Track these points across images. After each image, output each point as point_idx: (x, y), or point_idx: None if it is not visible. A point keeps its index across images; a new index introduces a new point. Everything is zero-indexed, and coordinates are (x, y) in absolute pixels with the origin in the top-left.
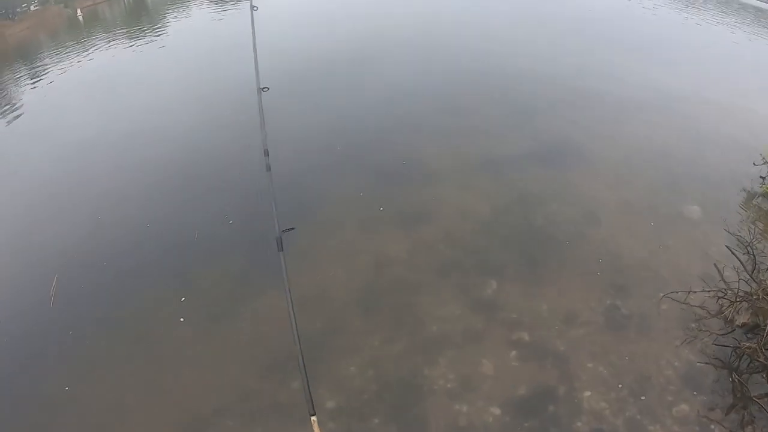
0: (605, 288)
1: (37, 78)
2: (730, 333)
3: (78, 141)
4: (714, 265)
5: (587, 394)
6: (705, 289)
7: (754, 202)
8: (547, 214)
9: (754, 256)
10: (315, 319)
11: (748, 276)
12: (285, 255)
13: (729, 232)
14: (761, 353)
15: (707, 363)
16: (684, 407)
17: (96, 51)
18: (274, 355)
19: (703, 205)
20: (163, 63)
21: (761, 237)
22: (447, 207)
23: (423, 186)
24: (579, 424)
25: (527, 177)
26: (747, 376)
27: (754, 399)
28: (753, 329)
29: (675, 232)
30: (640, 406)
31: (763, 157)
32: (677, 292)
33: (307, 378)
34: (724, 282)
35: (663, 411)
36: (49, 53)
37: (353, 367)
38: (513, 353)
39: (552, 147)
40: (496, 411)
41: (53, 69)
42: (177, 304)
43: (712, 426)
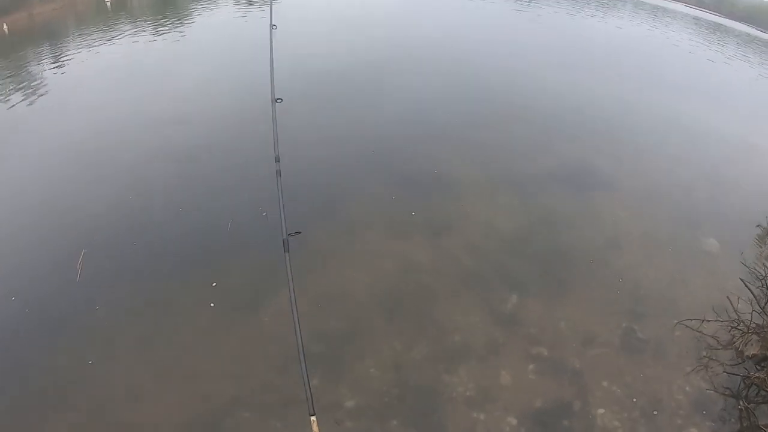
0: (623, 312)
1: (61, 59)
2: (740, 363)
3: (104, 122)
4: (727, 298)
5: (601, 411)
6: (718, 319)
7: None
8: (571, 235)
9: (767, 290)
10: (338, 319)
11: (760, 309)
12: (290, 257)
13: (745, 265)
14: None
15: (717, 390)
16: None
17: (121, 38)
18: (294, 351)
19: (721, 240)
20: (183, 57)
21: None
22: (472, 219)
23: (448, 197)
24: None
25: (551, 197)
26: (755, 405)
27: (761, 428)
28: (762, 361)
29: (693, 263)
30: (651, 427)
31: None
32: (691, 320)
33: (308, 378)
34: (736, 314)
35: None
36: (74, 36)
37: (374, 369)
38: (531, 367)
39: (576, 171)
40: (512, 421)
41: (77, 52)
42: (203, 290)
43: None
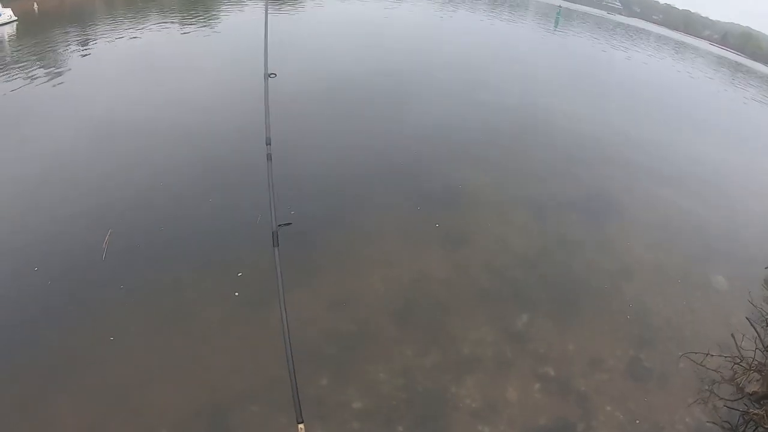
0: (631, 339)
1: (87, 44)
2: (740, 399)
3: (130, 106)
4: (731, 335)
5: None
6: (722, 355)
7: None
8: (585, 260)
9: None
10: (351, 322)
11: (763, 348)
12: (279, 251)
13: (752, 304)
14: (767, 421)
15: (716, 423)
16: None
17: (146, 29)
18: (304, 349)
19: (730, 278)
20: (208, 51)
21: None
22: (488, 237)
23: (466, 212)
24: None
25: (567, 222)
26: None
27: None
28: (762, 399)
29: (701, 298)
30: None
31: None
32: (696, 353)
33: (297, 386)
34: (739, 351)
35: None
36: (102, 23)
37: (383, 374)
38: (537, 385)
39: (593, 198)
40: None
41: (103, 38)
42: (224, 281)
43: None
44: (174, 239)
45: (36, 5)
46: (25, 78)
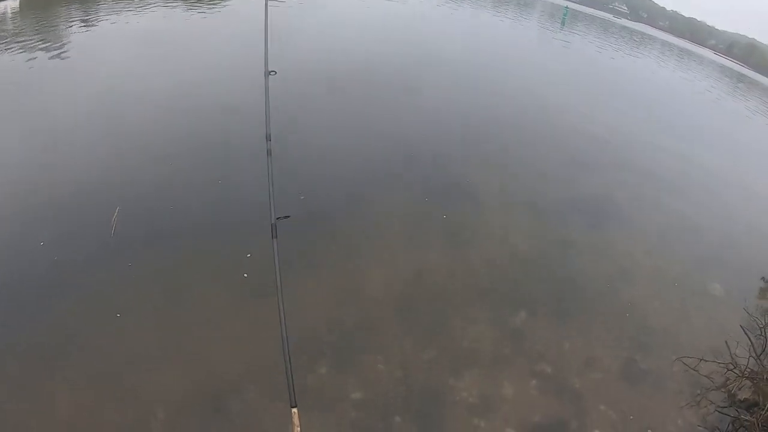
0: (627, 341)
1: (90, 23)
2: (731, 406)
3: (134, 86)
4: (725, 342)
5: None
6: (715, 361)
7: None
8: (584, 262)
9: (765, 339)
10: (351, 314)
11: (756, 356)
12: (278, 242)
13: (747, 312)
14: (758, 429)
15: (707, 428)
16: None
17: (151, 11)
18: (306, 336)
19: (726, 286)
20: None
21: None
22: (490, 235)
23: (468, 210)
24: None
25: (569, 224)
26: None
27: None
28: (753, 406)
29: (697, 304)
30: None
31: None
32: (690, 357)
33: (291, 371)
34: (732, 358)
35: None
36: (106, 3)
37: (382, 366)
38: (533, 382)
39: (595, 202)
40: None
41: (106, 18)
42: (231, 263)
43: None
44: (183, 219)
45: None
46: (28, 52)
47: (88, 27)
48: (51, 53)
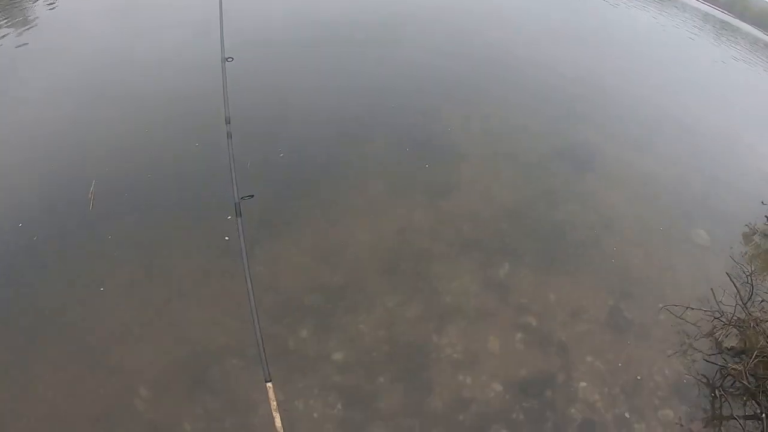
0: (612, 291)
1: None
2: (718, 354)
3: (104, 59)
4: (711, 290)
5: (583, 385)
6: (701, 309)
7: (755, 238)
8: (568, 212)
9: (752, 286)
10: (335, 273)
11: (742, 304)
12: (243, 222)
13: (733, 260)
14: (745, 377)
15: (694, 377)
16: (668, 412)
17: None
18: (287, 302)
19: (711, 233)
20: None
21: (760, 271)
22: (473, 188)
23: (450, 164)
24: (573, 410)
25: (553, 174)
26: (729, 395)
27: (733, 417)
28: (740, 354)
29: (682, 252)
30: (629, 403)
31: None
32: (676, 305)
33: (263, 345)
34: (719, 306)
35: (649, 412)
36: None
37: (364, 325)
38: (519, 336)
39: (579, 151)
40: (498, 387)
41: None
42: (212, 230)
43: None
44: (160, 186)
45: None
46: None
47: (51, 4)
48: (17, 31)
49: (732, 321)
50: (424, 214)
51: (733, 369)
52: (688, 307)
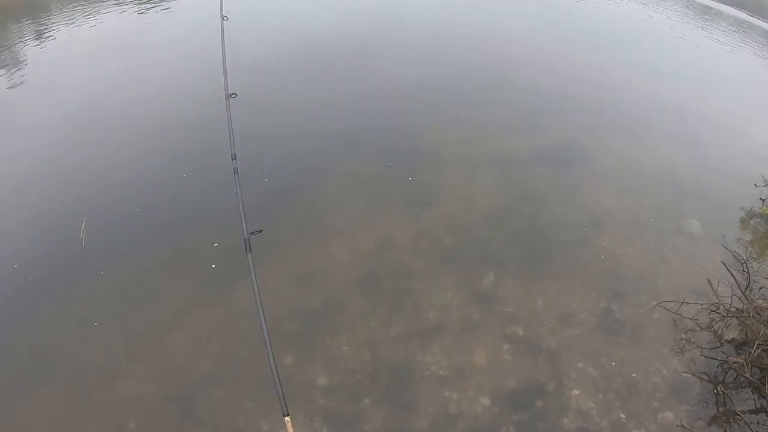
0: (602, 292)
1: (44, 36)
2: (718, 347)
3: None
4: (707, 281)
5: (576, 392)
6: (698, 302)
7: (752, 222)
8: (552, 214)
9: (748, 274)
10: (314, 296)
11: (740, 293)
12: (253, 257)
13: (727, 248)
14: (748, 369)
15: (694, 374)
16: (668, 414)
17: (103, 14)
18: (270, 329)
19: (704, 222)
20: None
21: (757, 257)
22: (453, 196)
23: (429, 173)
24: (565, 421)
25: (535, 176)
26: (732, 390)
27: (737, 413)
28: (741, 345)
29: (674, 245)
30: (626, 409)
31: (765, 179)
32: (670, 301)
33: (280, 381)
34: (716, 297)
35: (648, 416)
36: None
37: (347, 347)
38: (506, 346)
39: (561, 149)
40: (486, 401)
41: (59, 29)
42: (198, 262)
43: None
44: (150, 221)
45: None
46: None
47: (42, 41)
48: (8, 70)
49: (731, 312)
50: (404, 227)
51: (735, 362)
52: (683, 302)
